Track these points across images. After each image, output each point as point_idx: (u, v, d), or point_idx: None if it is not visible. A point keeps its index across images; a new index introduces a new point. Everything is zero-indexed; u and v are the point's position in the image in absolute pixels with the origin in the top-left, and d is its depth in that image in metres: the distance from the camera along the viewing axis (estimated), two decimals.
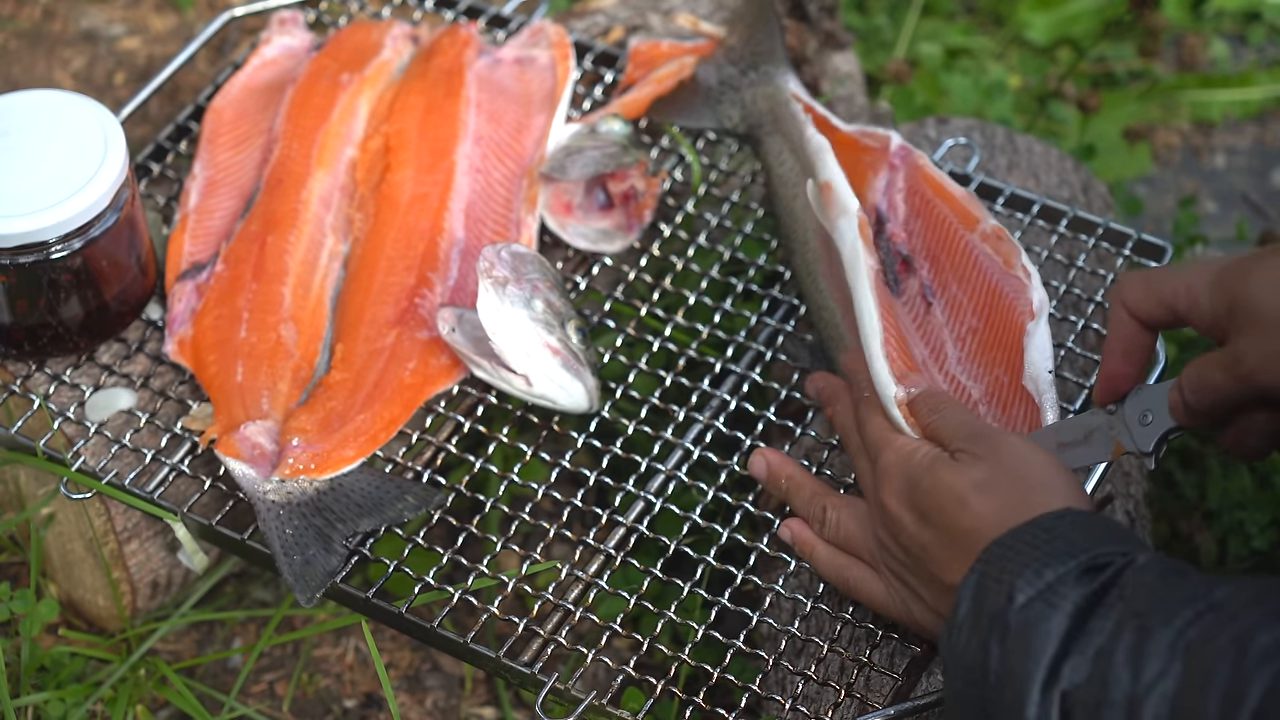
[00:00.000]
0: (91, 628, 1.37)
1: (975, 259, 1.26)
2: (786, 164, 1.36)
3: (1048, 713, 0.90)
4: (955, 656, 0.97)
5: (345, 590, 1.20)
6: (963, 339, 1.24)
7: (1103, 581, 0.93)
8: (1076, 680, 0.90)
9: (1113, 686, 0.87)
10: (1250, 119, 1.88)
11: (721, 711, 1.15)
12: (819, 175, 1.29)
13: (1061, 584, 0.93)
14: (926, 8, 1.90)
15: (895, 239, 1.29)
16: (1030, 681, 0.91)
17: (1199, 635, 0.86)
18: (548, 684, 1.16)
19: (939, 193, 1.30)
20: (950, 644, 0.98)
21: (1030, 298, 1.22)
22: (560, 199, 1.39)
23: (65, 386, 1.30)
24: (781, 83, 1.41)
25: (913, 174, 1.31)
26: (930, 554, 1.06)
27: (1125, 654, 0.88)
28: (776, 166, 1.37)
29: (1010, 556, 0.96)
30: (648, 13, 1.57)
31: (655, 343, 1.34)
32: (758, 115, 1.40)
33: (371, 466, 1.25)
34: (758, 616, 1.19)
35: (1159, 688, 0.86)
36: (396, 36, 1.48)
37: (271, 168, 1.38)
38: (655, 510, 1.25)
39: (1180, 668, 0.86)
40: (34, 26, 1.82)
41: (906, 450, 1.11)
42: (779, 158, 1.37)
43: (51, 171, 1.24)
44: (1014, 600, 0.94)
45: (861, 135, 1.34)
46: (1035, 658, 0.91)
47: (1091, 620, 0.91)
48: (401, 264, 1.33)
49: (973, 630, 0.96)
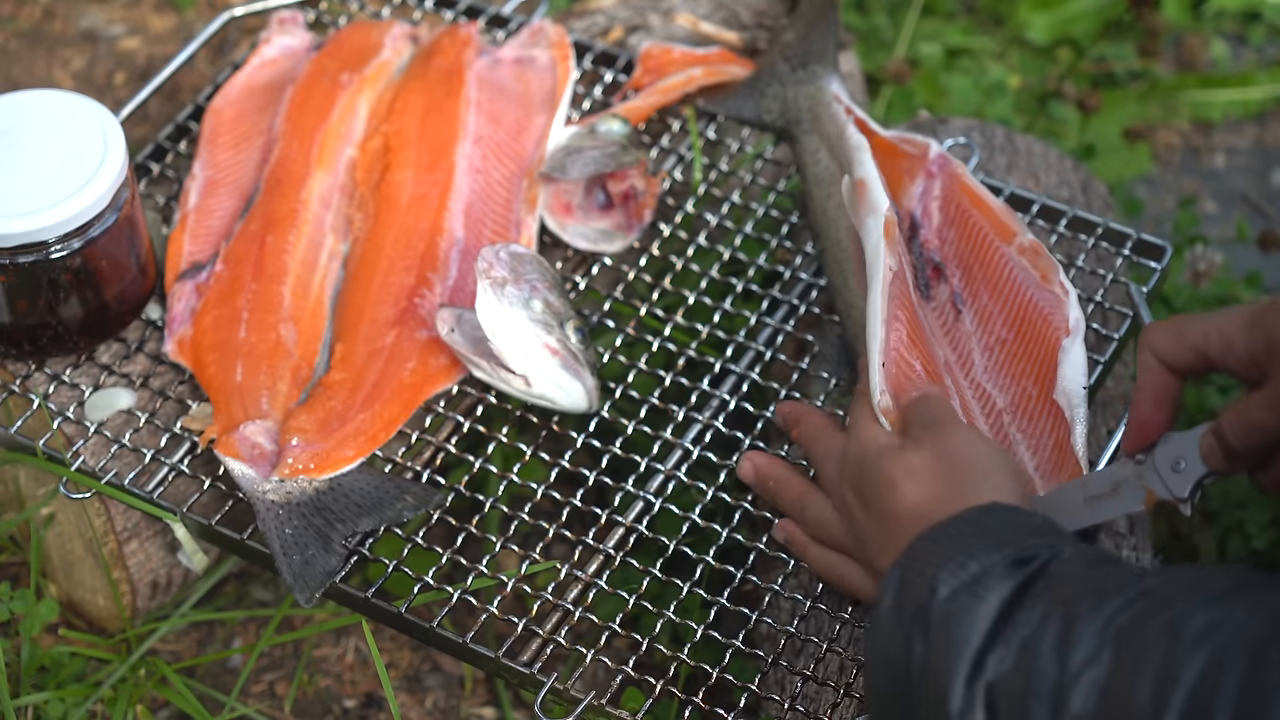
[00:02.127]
0: (91, 628, 1.37)
1: (1010, 271, 1.26)
2: (822, 163, 1.36)
3: (972, 706, 0.88)
4: (878, 651, 0.95)
5: (345, 590, 1.20)
6: (990, 349, 1.24)
7: (1029, 573, 0.91)
8: (1002, 671, 0.87)
9: (1039, 676, 0.85)
10: (1250, 119, 1.88)
11: (720, 711, 1.15)
12: (854, 172, 1.29)
13: (987, 576, 0.91)
14: (926, 8, 1.90)
15: (928, 245, 1.29)
16: (954, 674, 0.89)
17: (1129, 621, 0.84)
18: (547, 684, 1.16)
19: (976, 203, 1.30)
20: (873, 638, 0.96)
21: (1067, 314, 1.23)
22: (560, 199, 1.39)
23: (65, 386, 1.30)
24: (825, 84, 1.41)
25: (950, 183, 1.31)
26: (869, 540, 1.06)
27: (1052, 643, 0.86)
28: (811, 165, 1.37)
29: (933, 550, 0.95)
30: (648, 13, 1.57)
31: (655, 343, 1.34)
32: (797, 112, 1.41)
33: (371, 466, 1.26)
34: (757, 616, 1.19)
35: (1087, 675, 0.84)
36: (396, 36, 1.48)
37: (271, 168, 1.38)
38: (654, 510, 1.25)
39: (1110, 654, 0.84)
40: (34, 26, 1.82)
41: (867, 437, 1.10)
42: (814, 156, 1.37)
43: (51, 171, 1.24)
44: (937, 593, 0.92)
45: (901, 141, 1.34)
46: (959, 650, 0.89)
47: (1018, 612, 0.89)
48: (401, 264, 1.33)
49: (895, 624, 0.94)
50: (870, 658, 0.97)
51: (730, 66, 1.47)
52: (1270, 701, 0.76)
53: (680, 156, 1.45)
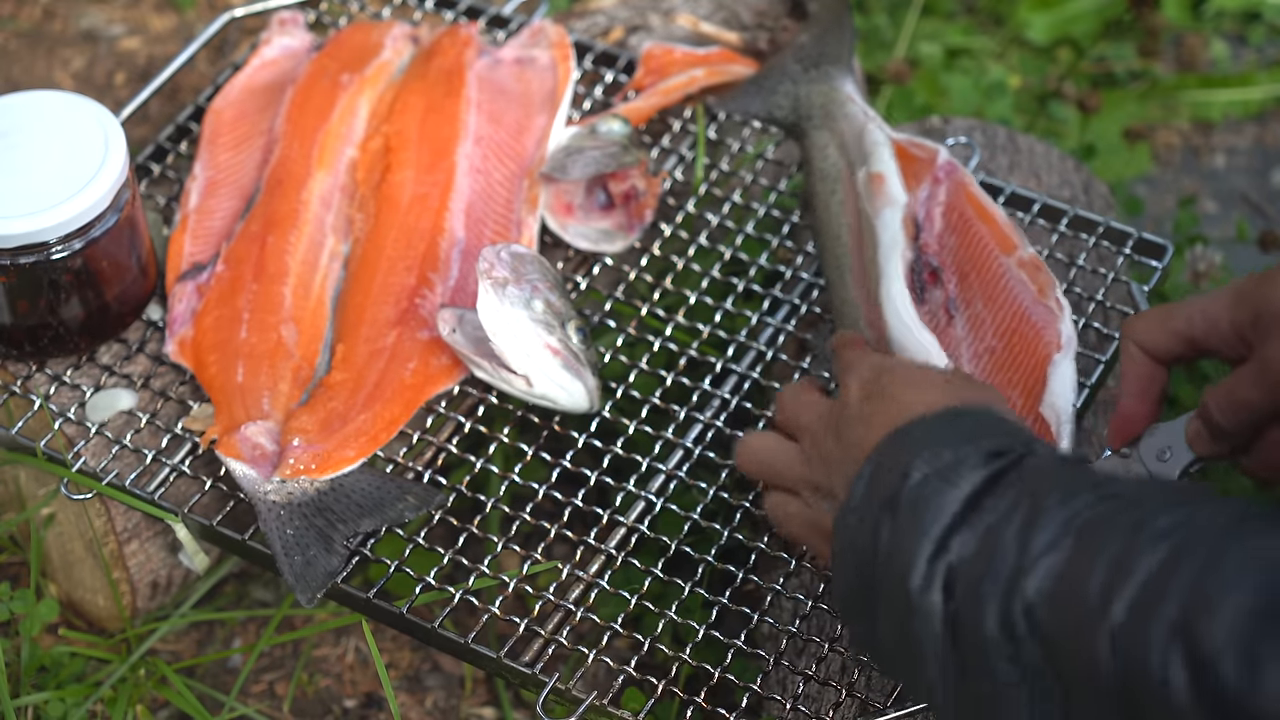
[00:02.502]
0: (91, 628, 1.37)
1: (1007, 283, 1.26)
2: (830, 159, 1.37)
3: (930, 584, 0.88)
4: (846, 541, 0.95)
5: (346, 590, 1.20)
6: (979, 356, 1.24)
7: (1002, 465, 0.90)
8: (964, 554, 0.87)
9: (998, 561, 0.85)
10: (1250, 119, 1.88)
11: (722, 711, 1.15)
12: (873, 166, 1.29)
13: (960, 465, 0.91)
14: (926, 7, 1.90)
15: (927, 249, 1.29)
16: (917, 553, 0.88)
17: (1094, 516, 0.83)
18: (548, 684, 1.16)
19: (980, 213, 1.30)
20: (843, 528, 0.95)
21: (1060, 329, 1.23)
22: (561, 199, 1.39)
23: (66, 387, 1.30)
24: (839, 84, 1.41)
25: (955, 190, 1.31)
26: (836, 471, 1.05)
27: (1016, 530, 0.85)
28: (819, 161, 1.37)
29: (907, 441, 0.94)
30: (648, 13, 1.57)
31: (656, 342, 1.34)
32: (809, 109, 1.41)
33: (372, 467, 1.25)
34: (758, 616, 1.19)
35: (1044, 561, 0.83)
36: (396, 37, 1.48)
37: (272, 168, 1.38)
38: (656, 510, 1.25)
39: (1070, 543, 0.83)
40: (34, 27, 1.82)
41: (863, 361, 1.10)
42: (823, 152, 1.38)
43: (52, 172, 1.24)
44: (909, 478, 0.91)
45: (910, 144, 1.34)
46: (925, 530, 0.89)
47: (986, 499, 0.88)
48: (402, 264, 1.33)
49: (865, 512, 0.93)
50: (837, 550, 0.96)
51: (733, 66, 1.47)
52: (1220, 596, 0.75)
53: (681, 156, 1.45)
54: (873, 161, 1.30)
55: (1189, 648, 0.75)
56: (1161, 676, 0.76)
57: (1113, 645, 0.78)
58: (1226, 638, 0.73)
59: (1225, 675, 0.73)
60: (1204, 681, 0.74)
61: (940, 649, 0.88)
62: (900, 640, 0.91)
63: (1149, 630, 0.77)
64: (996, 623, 0.84)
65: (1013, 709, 0.84)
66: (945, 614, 0.87)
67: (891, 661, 0.94)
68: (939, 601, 0.87)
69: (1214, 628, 0.74)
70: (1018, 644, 0.83)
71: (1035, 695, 0.83)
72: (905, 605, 0.89)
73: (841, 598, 0.97)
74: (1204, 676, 0.74)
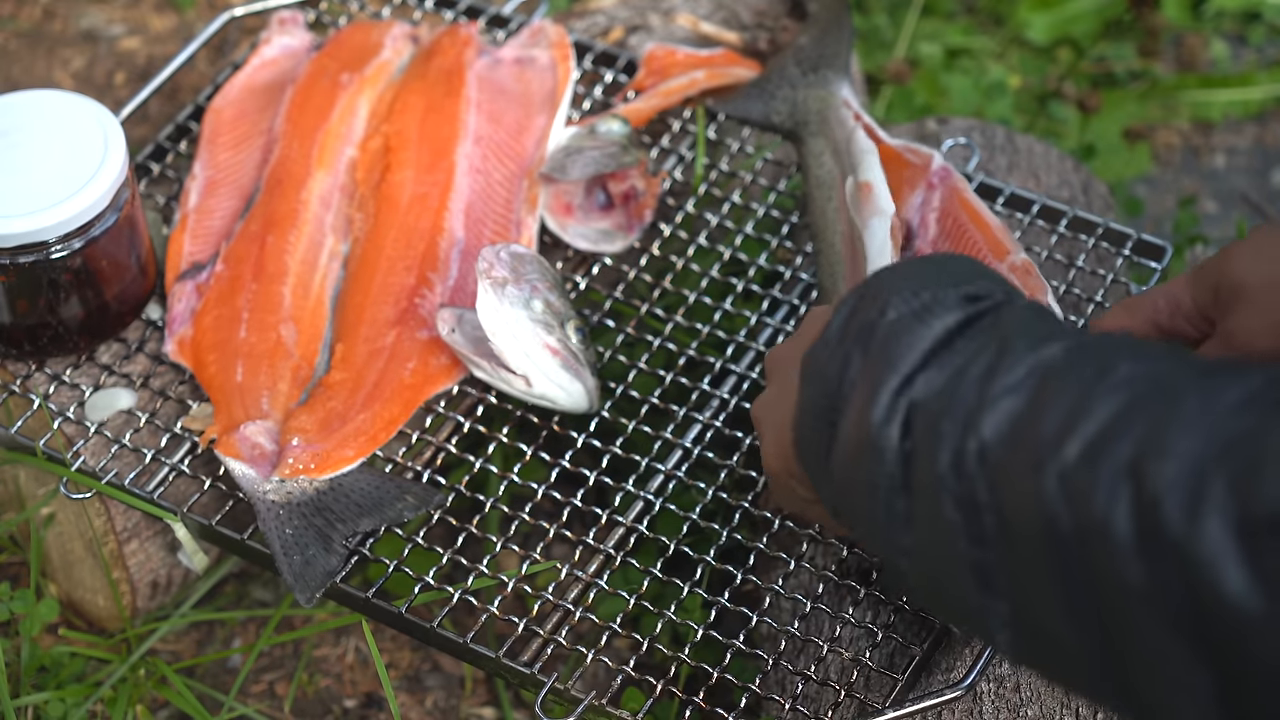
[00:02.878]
0: (91, 628, 1.37)
1: None
2: (825, 166, 1.37)
3: (891, 419, 0.86)
4: (815, 371, 0.94)
5: (345, 590, 1.20)
6: None
7: (979, 309, 0.90)
8: (928, 391, 0.86)
9: (959, 401, 0.84)
10: (1250, 119, 1.88)
11: (721, 711, 1.15)
12: (860, 174, 1.29)
13: (937, 304, 0.90)
14: (926, 7, 1.90)
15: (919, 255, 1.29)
16: (882, 387, 0.88)
17: (1061, 363, 0.82)
18: (547, 684, 1.16)
19: (974, 219, 1.30)
20: (813, 359, 0.95)
21: None
22: (560, 199, 1.39)
23: (65, 386, 1.30)
24: (836, 88, 1.41)
25: (949, 196, 1.31)
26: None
27: (980, 371, 0.84)
28: (815, 168, 1.37)
29: (891, 279, 0.94)
30: (648, 13, 1.57)
31: (655, 342, 1.34)
32: (806, 115, 1.41)
33: (371, 466, 1.26)
34: (757, 616, 1.19)
35: (1003, 403, 0.82)
36: (396, 36, 1.48)
37: (271, 168, 1.38)
38: (655, 510, 1.25)
39: (1032, 385, 0.82)
40: (34, 26, 1.82)
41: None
42: (819, 159, 1.38)
43: (51, 171, 1.24)
44: (885, 314, 0.91)
45: (905, 150, 1.34)
46: (893, 365, 0.88)
47: (958, 340, 0.88)
48: (401, 264, 1.33)
49: (839, 342, 0.93)
50: (805, 381, 0.95)
51: (734, 69, 1.47)
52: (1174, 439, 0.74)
53: (680, 157, 1.45)
54: (861, 170, 1.30)
55: (1136, 488, 0.74)
56: (1106, 516, 0.74)
57: (1061, 485, 0.77)
58: (1174, 479, 0.72)
59: (1168, 516, 0.72)
60: (1146, 522, 0.73)
61: (889, 489, 0.86)
62: (851, 479, 0.90)
63: (1099, 469, 0.75)
64: (949, 461, 0.82)
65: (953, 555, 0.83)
66: (900, 452, 0.86)
67: (841, 499, 0.92)
68: (896, 438, 0.86)
69: (1164, 468, 0.73)
70: (968, 484, 0.82)
71: (973, 541, 0.82)
72: (863, 440, 0.88)
73: (801, 433, 0.95)
74: (1147, 517, 0.73)
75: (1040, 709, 1.14)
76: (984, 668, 1.12)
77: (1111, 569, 0.74)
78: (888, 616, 1.18)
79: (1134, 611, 0.73)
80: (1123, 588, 0.74)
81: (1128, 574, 0.73)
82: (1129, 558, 0.73)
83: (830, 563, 1.23)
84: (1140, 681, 0.75)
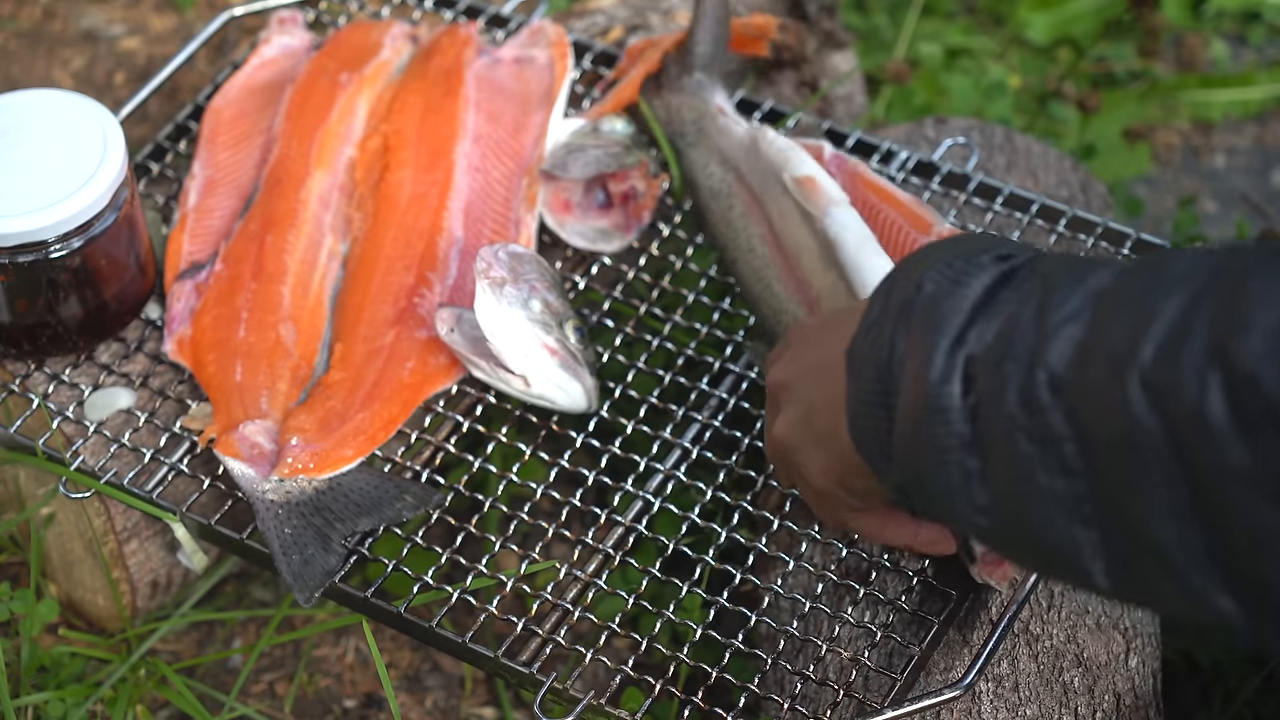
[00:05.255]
0: (91, 628, 1.37)
1: None
2: (715, 176, 1.36)
3: (950, 374, 0.85)
4: (861, 360, 0.93)
5: (344, 590, 1.20)
6: None
7: (1015, 264, 0.89)
8: (983, 342, 0.85)
9: (1017, 343, 0.82)
10: (1250, 119, 1.88)
11: (720, 711, 1.15)
12: (796, 171, 1.29)
13: (973, 266, 0.89)
14: (926, 7, 1.90)
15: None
16: (935, 349, 0.86)
17: (1112, 284, 0.81)
18: (546, 683, 1.16)
19: (884, 197, 1.29)
20: (856, 351, 0.93)
21: None
22: (559, 197, 1.39)
23: (64, 386, 1.30)
24: (709, 95, 1.40)
25: (851, 181, 1.31)
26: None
27: (1032, 311, 0.83)
28: (704, 180, 1.37)
29: (919, 259, 0.93)
30: (647, 13, 1.57)
31: (654, 342, 1.34)
32: (681, 124, 1.40)
33: (370, 466, 1.26)
34: (756, 616, 1.19)
35: (1065, 331, 0.81)
36: (395, 36, 1.48)
37: (270, 167, 1.38)
38: (654, 510, 1.25)
39: (1090, 313, 0.81)
40: (34, 26, 1.82)
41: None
42: (705, 170, 1.37)
43: (51, 171, 1.24)
44: (923, 289, 0.90)
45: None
46: (940, 328, 0.87)
47: (1002, 292, 0.87)
48: (400, 263, 1.33)
49: (880, 329, 0.92)
50: (853, 368, 0.93)
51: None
52: (1254, 313, 0.72)
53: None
54: (793, 166, 1.30)
55: (1225, 370, 0.72)
56: (1199, 408, 0.73)
57: (1144, 389, 0.75)
58: (1264, 349, 0.71)
59: (1268, 387, 0.71)
60: (1246, 401, 0.71)
61: (960, 448, 0.85)
62: (917, 452, 0.88)
63: (1180, 363, 0.74)
64: (1017, 400, 0.81)
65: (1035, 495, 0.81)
66: (964, 409, 0.85)
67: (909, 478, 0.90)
68: (958, 394, 0.85)
69: (1250, 343, 0.71)
70: (1040, 416, 0.80)
71: (1054, 473, 0.80)
72: (925, 406, 0.86)
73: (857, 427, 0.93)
74: (1245, 396, 0.71)
75: (1039, 708, 1.14)
76: (982, 667, 1.12)
77: (1211, 458, 0.73)
78: (886, 616, 1.18)
79: (1240, 495, 0.72)
80: (1226, 473, 0.72)
81: (1229, 458, 0.72)
82: (1230, 441, 0.72)
83: (829, 563, 1.23)
84: (1248, 566, 0.73)
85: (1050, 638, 1.18)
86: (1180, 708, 1.34)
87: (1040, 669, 1.17)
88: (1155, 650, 1.22)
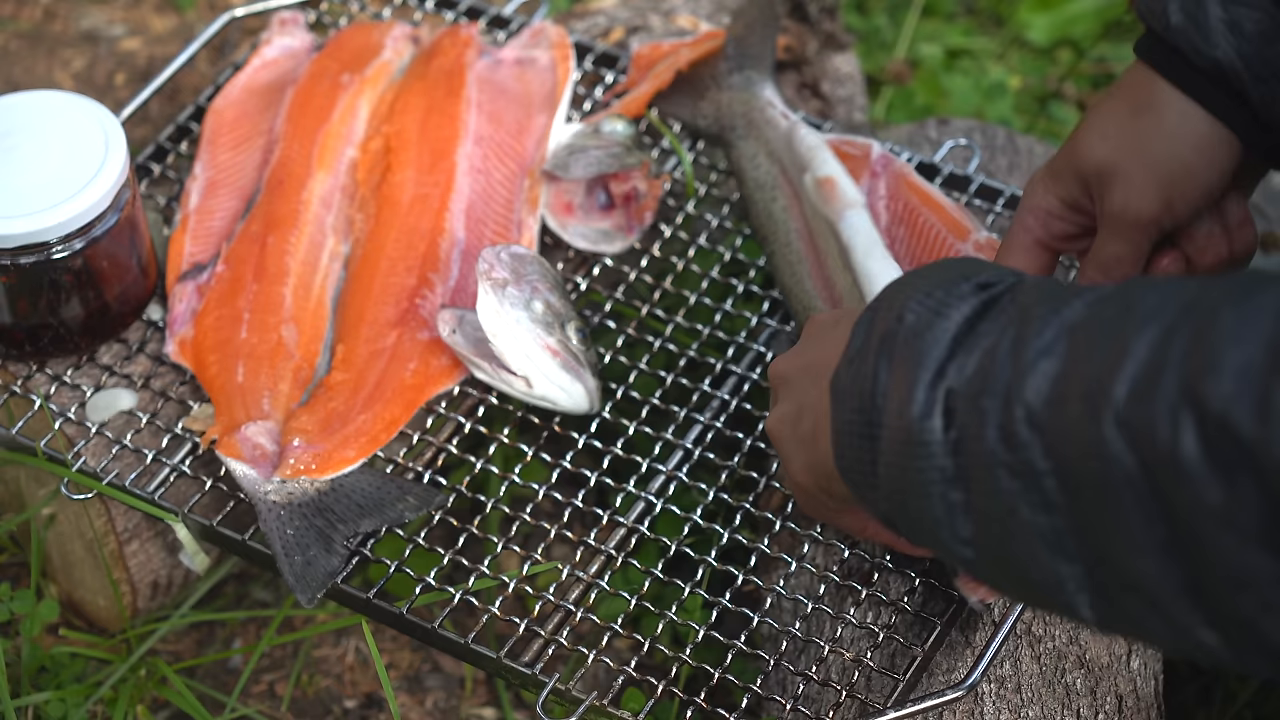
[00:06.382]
0: (92, 628, 1.37)
1: None
2: (762, 168, 1.37)
3: (931, 409, 0.86)
4: (844, 391, 0.93)
5: (346, 591, 1.20)
6: None
7: (995, 293, 0.89)
8: (962, 377, 0.85)
9: (995, 377, 0.83)
10: None
11: (722, 712, 1.15)
12: (818, 170, 1.29)
13: (952, 297, 0.89)
14: (927, 8, 1.91)
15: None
16: (916, 383, 0.87)
17: (1087, 317, 0.82)
18: (548, 684, 1.16)
19: (925, 201, 1.30)
20: (839, 381, 0.94)
21: None
22: (561, 198, 1.39)
23: (66, 387, 1.30)
24: (759, 89, 1.41)
25: (895, 181, 1.31)
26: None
27: (1009, 345, 0.84)
28: (751, 171, 1.37)
29: (902, 288, 0.93)
30: (648, 13, 1.57)
31: (656, 343, 1.34)
32: (731, 118, 1.41)
33: (372, 467, 1.26)
34: (758, 617, 1.19)
35: (1041, 366, 0.81)
36: (397, 37, 1.48)
37: (272, 168, 1.38)
38: (656, 511, 1.25)
39: (1065, 344, 0.81)
40: (34, 27, 1.82)
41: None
42: (754, 162, 1.38)
43: (52, 172, 1.24)
44: (904, 320, 0.90)
45: (842, 143, 1.34)
46: (922, 361, 0.87)
47: (981, 324, 0.87)
48: (402, 265, 1.33)
49: (863, 359, 0.92)
50: (837, 401, 0.94)
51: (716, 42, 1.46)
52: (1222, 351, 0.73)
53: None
54: (816, 166, 1.30)
55: (1197, 410, 0.73)
56: (1172, 448, 0.73)
57: (1119, 429, 0.76)
58: (1235, 389, 0.71)
59: (1239, 426, 0.71)
60: (1218, 442, 0.72)
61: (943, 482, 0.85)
62: (902, 484, 0.88)
63: (1154, 404, 0.74)
64: (997, 435, 0.82)
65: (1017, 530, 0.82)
66: (946, 442, 0.85)
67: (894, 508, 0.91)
68: (939, 429, 0.86)
69: (1221, 383, 0.72)
70: (1020, 452, 0.81)
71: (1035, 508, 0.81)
72: (907, 440, 0.87)
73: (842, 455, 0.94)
74: (1217, 437, 0.72)
75: (1041, 710, 1.15)
76: (985, 668, 1.12)
77: (1187, 497, 0.73)
78: (889, 617, 1.18)
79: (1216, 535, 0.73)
80: (1201, 512, 0.73)
81: (1205, 497, 0.73)
82: (1204, 481, 0.73)
83: (831, 563, 1.23)
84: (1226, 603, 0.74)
85: (1053, 639, 1.18)
86: (1181, 709, 1.34)
87: (1043, 670, 1.17)
88: (1157, 652, 1.22)
